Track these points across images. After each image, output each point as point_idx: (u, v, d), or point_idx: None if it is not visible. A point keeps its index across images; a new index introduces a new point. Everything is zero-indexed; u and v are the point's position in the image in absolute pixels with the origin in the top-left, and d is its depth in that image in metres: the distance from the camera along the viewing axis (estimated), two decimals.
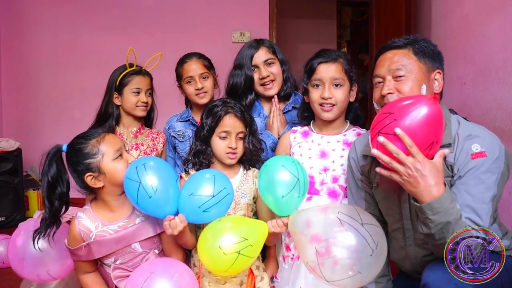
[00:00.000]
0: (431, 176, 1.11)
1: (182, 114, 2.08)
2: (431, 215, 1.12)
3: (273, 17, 3.86)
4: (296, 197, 1.33)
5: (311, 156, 1.65)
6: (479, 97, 2.18)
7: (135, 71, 1.91)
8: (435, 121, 1.12)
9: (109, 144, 1.39)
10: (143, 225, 1.44)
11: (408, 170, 1.12)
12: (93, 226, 1.42)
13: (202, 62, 2.01)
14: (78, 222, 1.43)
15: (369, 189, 1.49)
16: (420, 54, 1.32)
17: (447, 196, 1.12)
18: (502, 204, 1.94)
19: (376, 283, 1.50)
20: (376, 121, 1.19)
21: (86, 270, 1.48)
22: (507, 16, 1.94)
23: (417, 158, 1.11)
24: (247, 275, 1.51)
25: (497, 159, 1.21)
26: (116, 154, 1.38)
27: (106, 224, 1.43)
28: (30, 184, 3.60)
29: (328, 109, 1.60)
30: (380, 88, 1.34)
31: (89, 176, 1.37)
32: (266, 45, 1.92)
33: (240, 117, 1.56)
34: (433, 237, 1.16)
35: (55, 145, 1.47)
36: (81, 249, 1.42)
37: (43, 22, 3.80)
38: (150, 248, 1.47)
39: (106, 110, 1.93)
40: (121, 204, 1.44)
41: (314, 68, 1.61)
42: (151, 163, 1.34)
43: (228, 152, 1.55)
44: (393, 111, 1.15)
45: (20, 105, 3.86)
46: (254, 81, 1.91)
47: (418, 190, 1.13)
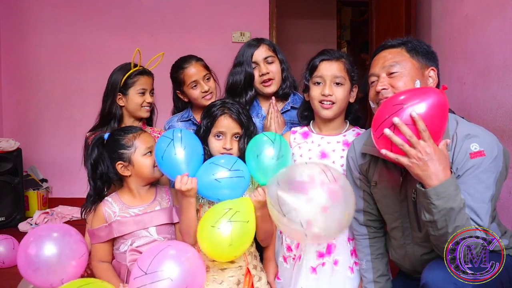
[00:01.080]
0: (440, 161, 1.13)
1: (182, 114, 2.08)
2: (435, 199, 1.12)
3: (273, 17, 3.86)
4: (271, 159, 1.43)
5: (311, 157, 1.65)
6: (479, 97, 2.18)
7: (140, 71, 1.91)
8: (444, 111, 1.15)
9: (143, 141, 1.58)
10: (161, 212, 1.60)
11: (418, 154, 1.13)
12: (117, 208, 1.59)
13: (201, 64, 2.00)
14: (104, 203, 1.60)
15: (367, 188, 1.50)
16: (413, 51, 1.35)
17: (452, 182, 1.14)
18: (502, 204, 1.94)
19: (375, 282, 1.51)
20: (387, 113, 1.19)
21: (101, 257, 1.58)
22: (507, 16, 1.94)
23: (428, 143, 1.13)
24: (244, 274, 1.52)
25: (495, 158, 1.21)
26: (146, 150, 1.57)
27: (128, 207, 1.59)
28: (30, 184, 3.60)
29: (327, 107, 1.60)
30: (375, 85, 1.36)
31: (119, 164, 1.56)
32: (267, 43, 1.93)
33: (236, 118, 1.57)
34: (436, 226, 1.16)
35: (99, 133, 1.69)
36: (102, 229, 1.56)
37: (43, 22, 3.80)
38: (164, 236, 1.58)
39: (109, 111, 1.91)
40: (145, 193, 1.62)
41: (316, 65, 1.62)
42: (187, 133, 1.51)
43: (223, 153, 1.55)
44: (404, 101, 1.16)
45: (20, 105, 3.86)
46: (254, 78, 1.90)
47: (427, 173, 1.14)
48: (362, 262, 1.54)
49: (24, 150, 3.43)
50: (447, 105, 1.16)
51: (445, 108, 1.16)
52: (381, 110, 1.21)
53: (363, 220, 1.53)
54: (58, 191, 3.84)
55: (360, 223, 1.54)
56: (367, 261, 1.53)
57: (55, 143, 3.84)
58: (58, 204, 3.67)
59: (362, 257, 1.54)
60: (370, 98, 1.40)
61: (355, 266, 1.59)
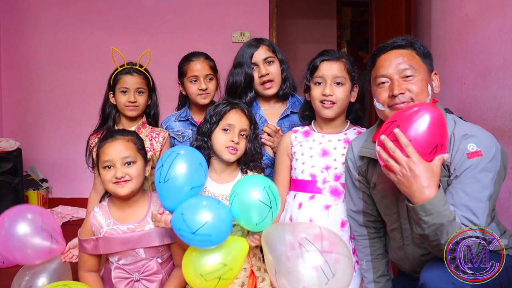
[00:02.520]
0: (424, 178, 1.11)
1: (180, 114, 2.07)
2: (424, 216, 1.12)
3: (273, 17, 3.86)
4: (270, 221, 1.34)
5: (313, 155, 1.65)
6: (479, 97, 2.18)
7: (124, 70, 1.90)
8: (437, 125, 1.13)
9: (103, 152, 1.47)
10: (151, 233, 1.47)
11: (402, 170, 1.12)
12: (105, 223, 1.49)
13: (208, 63, 2.01)
14: (93, 215, 1.51)
15: (366, 189, 1.50)
16: (422, 54, 1.35)
17: (440, 198, 1.12)
18: (502, 204, 1.94)
19: (375, 282, 1.51)
20: (381, 132, 1.20)
21: (88, 267, 1.51)
22: (507, 16, 1.94)
23: (412, 158, 1.11)
24: (248, 276, 1.51)
25: (493, 158, 1.21)
26: (104, 164, 1.45)
27: (117, 224, 1.48)
28: (30, 184, 3.60)
29: (328, 106, 1.60)
30: (387, 88, 1.33)
31: (95, 172, 1.53)
32: (266, 43, 1.92)
33: (246, 114, 1.59)
34: (428, 238, 1.16)
35: None
36: (89, 242, 1.48)
37: (43, 22, 3.80)
38: (153, 256, 1.50)
39: (104, 110, 1.93)
40: (134, 208, 1.51)
41: (317, 65, 1.63)
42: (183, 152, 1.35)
43: (229, 146, 1.54)
44: (396, 118, 1.16)
45: (20, 105, 3.86)
46: (253, 79, 1.90)
47: (411, 191, 1.13)
48: (362, 262, 1.55)
49: (24, 150, 3.43)
50: (442, 118, 1.14)
51: (440, 122, 1.14)
52: (382, 131, 1.21)
53: (363, 221, 1.53)
54: (58, 191, 3.84)
55: (360, 224, 1.54)
56: (367, 261, 1.53)
57: (55, 143, 3.84)
58: (58, 204, 3.68)
59: (362, 257, 1.55)
60: (379, 100, 1.36)
61: (356, 265, 1.59)
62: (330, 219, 1.58)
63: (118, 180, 1.43)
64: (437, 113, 1.13)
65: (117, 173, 1.43)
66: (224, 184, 1.59)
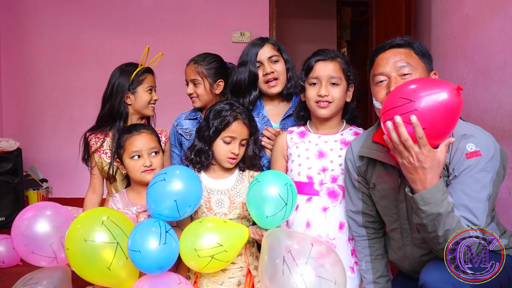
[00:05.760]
0: (430, 169, 1.12)
1: (190, 112, 2.08)
2: (422, 205, 1.13)
3: (273, 17, 3.86)
4: (280, 219, 1.35)
5: (309, 157, 1.64)
6: (479, 97, 2.18)
7: (146, 69, 1.91)
8: (456, 115, 1.09)
9: (131, 144, 1.61)
10: None
11: (410, 158, 1.12)
12: (121, 205, 1.65)
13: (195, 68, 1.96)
14: (112, 199, 1.69)
15: (366, 190, 1.49)
16: (420, 54, 1.35)
17: (440, 187, 1.13)
18: (502, 204, 1.94)
19: (375, 283, 1.50)
20: (393, 103, 1.13)
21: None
22: (507, 16, 1.94)
23: (423, 150, 1.10)
24: (245, 275, 1.52)
25: (492, 158, 1.21)
26: (132, 154, 1.60)
27: (132, 205, 1.62)
28: (30, 184, 3.60)
29: (324, 106, 1.59)
30: (385, 86, 1.33)
31: (117, 162, 1.66)
32: (272, 42, 1.91)
33: (248, 124, 1.59)
34: (426, 229, 1.16)
35: None
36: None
37: (43, 22, 3.80)
38: None
39: (118, 110, 1.88)
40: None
41: (312, 66, 1.61)
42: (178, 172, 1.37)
43: (230, 157, 1.56)
44: (414, 98, 1.09)
45: (20, 105, 3.86)
46: (258, 77, 1.89)
47: (413, 178, 1.14)
48: (362, 263, 1.54)
49: (24, 150, 3.43)
50: (460, 106, 1.08)
51: (457, 110, 1.08)
52: (391, 97, 1.16)
53: (362, 221, 1.53)
54: (58, 191, 3.85)
55: (359, 225, 1.54)
56: (367, 262, 1.53)
57: (55, 143, 3.84)
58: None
59: (362, 258, 1.54)
60: (377, 98, 1.35)
61: (355, 266, 1.59)
62: (327, 221, 1.58)
63: (147, 168, 1.59)
64: (459, 100, 1.07)
65: (146, 162, 1.60)
66: (220, 180, 1.61)
